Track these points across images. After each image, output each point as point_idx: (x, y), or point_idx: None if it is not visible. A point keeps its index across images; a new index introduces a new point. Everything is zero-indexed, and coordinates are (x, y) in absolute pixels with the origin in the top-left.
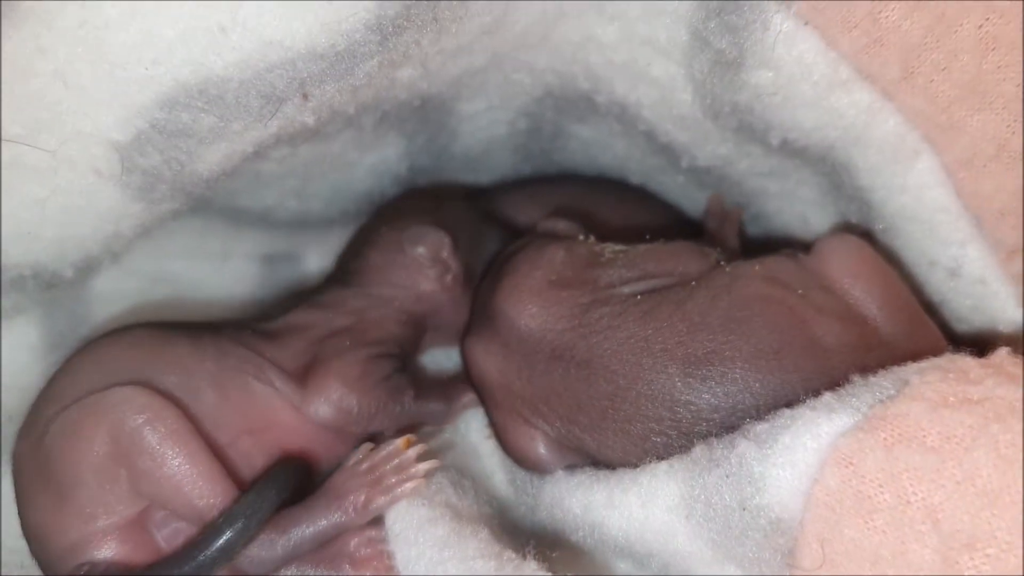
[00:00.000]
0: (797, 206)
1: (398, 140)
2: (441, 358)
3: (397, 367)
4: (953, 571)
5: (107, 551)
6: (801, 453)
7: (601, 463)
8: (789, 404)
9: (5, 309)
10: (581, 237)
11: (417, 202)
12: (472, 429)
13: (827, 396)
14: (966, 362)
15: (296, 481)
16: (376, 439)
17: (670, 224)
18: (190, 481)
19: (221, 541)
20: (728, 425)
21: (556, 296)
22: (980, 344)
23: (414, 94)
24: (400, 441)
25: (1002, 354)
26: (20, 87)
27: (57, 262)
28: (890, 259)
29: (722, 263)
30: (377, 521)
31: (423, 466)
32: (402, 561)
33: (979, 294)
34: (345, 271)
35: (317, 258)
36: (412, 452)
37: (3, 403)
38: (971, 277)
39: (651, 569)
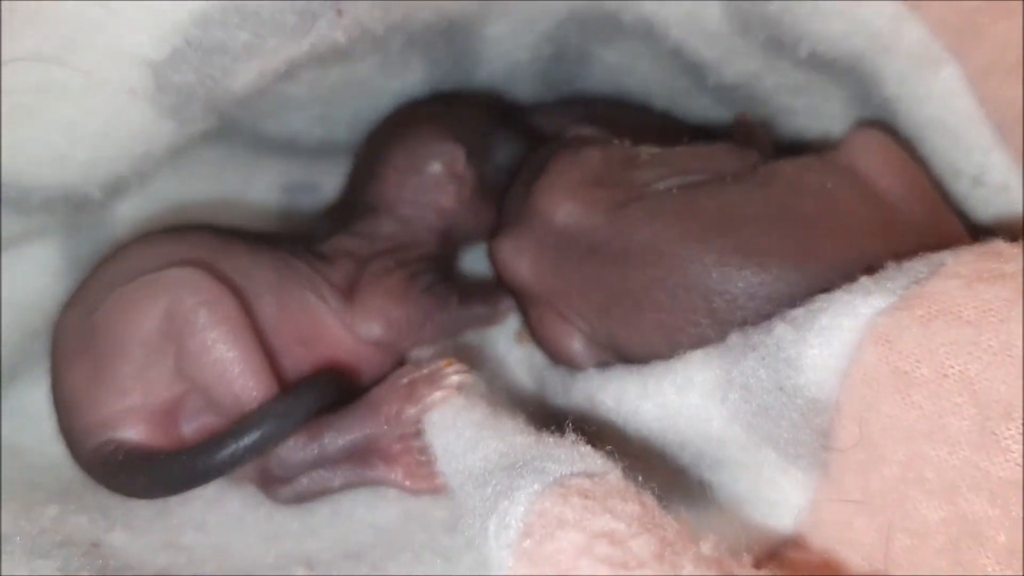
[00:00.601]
0: (823, 123)
1: (422, 65)
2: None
3: (439, 278)
4: (991, 441)
5: (135, 432)
6: (838, 333)
7: (633, 360)
8: (825, 291)
9: (31, 231)
10: (616, 141)
11: (425, 111)
12: (499, 342)
13: (863, 280)
14: (998, 244)
15: (336, 391)
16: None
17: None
18: (235, 369)
19: (253, 436)
20: (763, 314)
21: (592, 194)
22: None
23: (441, 16)
24: (443, 362)
25: None
26: (56, 6)
27: (87, 183)
28: None
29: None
30: None
31: (455, 377)
32: (440, 447)
33: (1002, 201)
34: (367, 193)
35: (337, 188)
36: (451, 370)
37: (25, 323)
38: (994, 184)
39: (684, 460)
